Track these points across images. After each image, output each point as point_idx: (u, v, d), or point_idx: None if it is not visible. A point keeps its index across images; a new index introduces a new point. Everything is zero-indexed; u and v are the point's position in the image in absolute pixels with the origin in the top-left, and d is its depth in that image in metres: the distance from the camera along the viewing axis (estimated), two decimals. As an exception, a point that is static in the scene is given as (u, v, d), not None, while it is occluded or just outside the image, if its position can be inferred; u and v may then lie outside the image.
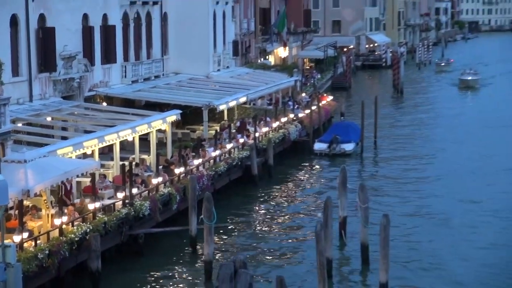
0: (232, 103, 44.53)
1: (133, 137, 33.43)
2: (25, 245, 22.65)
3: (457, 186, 39.32)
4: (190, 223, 28.49)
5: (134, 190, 28.63)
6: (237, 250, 28.67)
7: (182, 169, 32.82)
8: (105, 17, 41.36)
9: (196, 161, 34.67)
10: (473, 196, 36.95)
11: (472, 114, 65.64)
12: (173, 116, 36.74)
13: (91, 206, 26.24)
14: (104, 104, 40.16)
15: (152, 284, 25.70)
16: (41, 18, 35.59)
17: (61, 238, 23.86)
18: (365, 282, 25.96)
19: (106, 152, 33.89)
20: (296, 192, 38.74)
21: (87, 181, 29.02)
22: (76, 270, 24.98)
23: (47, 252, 22.90)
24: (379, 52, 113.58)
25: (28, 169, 23.41)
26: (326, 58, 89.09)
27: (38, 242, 23.18)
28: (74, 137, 30.44)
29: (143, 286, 25.49)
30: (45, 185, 23.86)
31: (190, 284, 25.96)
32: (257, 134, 41.70)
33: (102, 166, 31.13)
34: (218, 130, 41.34)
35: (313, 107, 51.49)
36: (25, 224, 23.57)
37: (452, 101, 75.10)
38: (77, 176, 26.70)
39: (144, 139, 35.35)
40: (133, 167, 30.23)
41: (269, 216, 34.17)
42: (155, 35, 47.28)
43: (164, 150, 36.76)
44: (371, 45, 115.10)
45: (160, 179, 31.07)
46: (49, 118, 33.87)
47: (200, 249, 27.83)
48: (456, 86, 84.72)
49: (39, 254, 22.58)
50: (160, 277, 26.32)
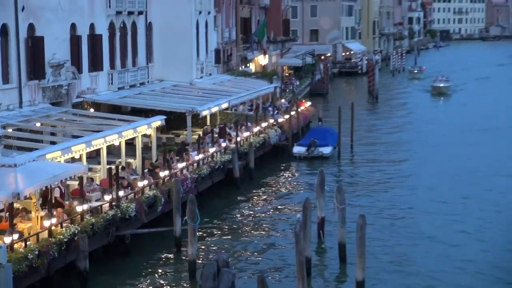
0: (215, 109, 44.51)
1: (120, 142, 33.36)
2: (16, 246, 22.52)
3: (430, 187, 39.46)
4: (174, 224, 28.45)
5: (121, 193, 28.54)
6: (220, 250, 28.60)
7: (166, 172, 32.78)
8: (92, 26, 41.25)
9: (180, 165, 34.62)
10: (445, 197, 37.13)
11: (444, 119, 65.93)
12: (158, 121, 36.68)
13: (79, 208, 26.16)
14: (92, 110, 40.05)
15: (138, 283, 25.64)
16: (31, 27, 35.46)
17: (50, 239, 23.77)
18: (342, 279, 26.01)
19: (94, 156, 33.80)
20: (276, 194, 38.76)
21: (75, 184, 28.93)
22: (65, 270, 24.89)
23: (36, 252, 22.81)
24: (355, 60, 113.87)
25: (18, 173, 23.31)
26: (304, 66, 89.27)
27: (28, 243, 23.07)
28: (62, 142, 30.33)
29: (130, 285, 25.44)
30: (35, 188, 23.79)
31: (174, 282, 25.90)
32: (238, 139, 41.68)
33: (90, 169, 31.04)
34: (201, 135, 41.31)
35: (292, 113, 51.56)
36: (15, 226, 23.47)
37: (425, 106, 75.34)
38: (66, 179, 26.61)
39: (130, 144, 35.28)
40: (120, 170, 30.15)
41: (251, 217, 34.17)
42: (140, 43, 47.19)
43: (149, 154, 36.70)
44: (348, 53, 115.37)
45: (145, 182, 31.05)
46: (38, 124, 33.75)
47: (184, 249, 27.74)
48: (429, 92, 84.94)
49: (29, 254, 22.48)
50: (146, 276, 26.28)
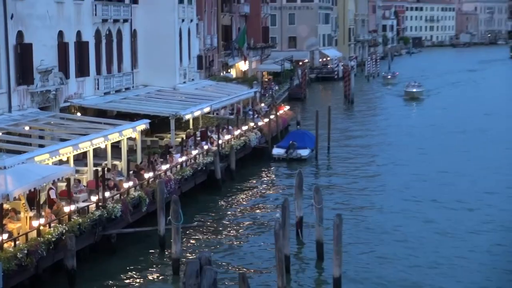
0: (197, 113, 44.44)
1: (106, 145, 33.27)
2: (5, 245, 22.45)
3: (403, 186, 39.61)
4: (158, 223, 28.41)
5: (107, 194, 28.49)
6: (203, 248, 28.63)
7: (151, 174, 32.74)
8: (79, 34, 41.09)
9: (164, 166, 34.58)
10: (418, 196, 37.29)
11: (417, 122, 66.23)
12: (142, 125, 36.63)
13: (66, 209, 26.08)
14: (79, 114, 39.90)
15: (124, 280, 25.59)
16: (19, 34, 35.27)
17: (38, 238, 23.69)
18: (320, 276, 26.05)
19: (81, 159, 33.64)
20: (257, 194, 38.77)
21: (63, 185, 28.80)
22: (53, 268, 24.80)
23: (25, 252, 22.75)
24: (331, 66, 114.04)
25: (8, 175, 23.20)
26: (283, 71, 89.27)
27: (17, 242, 22.99)
28: (50, 145, 30.14)
29: (116, 282, 25.38)
30: (24, 190, 23.68)
31: (159, 280, 25.88)
32: (220, 141, 41.70)
33: (77, 171, 30.89)
34: (184, 138, 41.31)
35: (272, 116, 51.61)
36: (5, 226, 23.35)
37: (398, 110, 75.58)
38: (53, 181, 26.51)
39: (116, 147, 35.17)
40: (106, 172, 30.07)
41: (232, 216, 34.18)
42: (125, 50, 47.07)
43: (134, 157, 36.62)
44: (324, 59, 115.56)
45: (130, 183, 30.98)
46: (27, 128, 33.57)
47: (168, 247, 27.69)
48: (402, 97, 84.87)
49: (18, 253, 22.42)
50: (132, 273, 26.23)
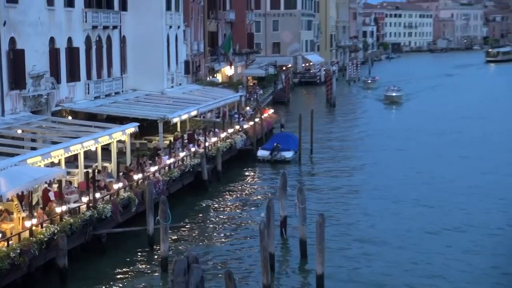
0: (185, 116, 44.40)
1: (96, 147, 33.19)
2: (-1, 245, 22.41)
3: (383, 186, 39.73)
4: (147, 223, 28.39)
5: (97, 195, 28.43)
6: (190, 247, 28.61)
7: (140, 175, 32.69)
8: (69, 40, 40.97)
9: (153, 168, 34.52)
10: (397, 196, 37.43)
11: (397, 125, 66.51)
12: (131, 128, 36.55)
13: (58, 210, 26.00)
14: (70, 118, 39.77)
15: (114, 279, 25.54)
16: (12, 41, 35.14)
17: (31, 238, 23.62)
18: (303, 273, 26.09)
19: (72, 161, 33.61)
20: (242, 194, 38.79)
21: (54, 187, 28.70)
22: (45, 267, 24.73)
23: (18, 251, 22.68)
24: (314, 70, 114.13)
25: (1, 177, 23.17)
26: (267, 76, 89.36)
27: (10, 242, 22.91)
28: (42, 148, 30.08)
29: (106, 280, 25.31)
30: (17, 191, 23.61)
31: (148, 278, 25.83)
32: (207, 144, 41.69)
33: (68, 173, 30.88)
34: (172, 141, 41.27)
35: (256, 119, 51.61)
36: (-2, 227, 23.32)
37: (378, 114, 75.73)
38: (46, 182, 26.45)
39: (106, 149, 35.09)
40: (96, 174, 29.99)
41: (219, 216, 34.17)
42: (115, 56, 46.96)
43: (124, 159, 36.55)
44: (307, 64, 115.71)
45: (120, 184, 30.92)
46: (19, 131, 33.44)
47: (157, 246, 27.67)
48: (382, 101, 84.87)
49: (11, 253, 22.35)
50: (121, 272, 26.18)
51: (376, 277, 25.50)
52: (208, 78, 67.43)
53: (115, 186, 30.50)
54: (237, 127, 49.01)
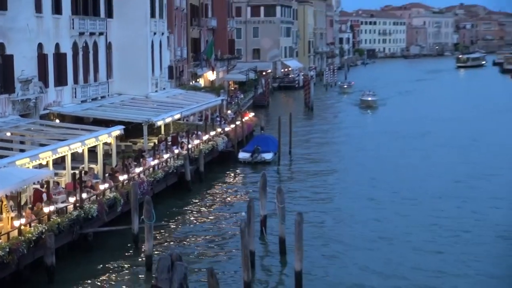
0: (168, 120, 44.35)
1: (83, 149, 33.07)
2: (-12, 244, 22.26)
3: (359, 185, 39.90)
4: (132, 222, 28.29)
5: (84, 195, 28.31)
6: (174, 245, 28.57)
7: (125, 176, 32.59)
8: (57, 46, 40.78)
9: (138, 169, 34.45)
10: (373, 194, 37.57)
11: (372, 128, 66.79)
12: (117, 131, 36.46)
13: (46, 209, 25.87)
14: (57, 121, 39.58)
15: (101, 276, 25.43)
16: (1, 46, 34.93)
17: (20, 237, 23.48)
18: (283, 270, 26.10)
19: (59, 162, 33.41)
20: (224, 194, 38.75)
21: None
22: (34, 265, 24.55)
23: (7, 250, 22.53)
24: (292, 75, 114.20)
25: (-10, 178, 23.01)
26: (248, 81, 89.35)
27: (-1, 241, 22.81)
28: (30, 150, 29.92)
29: (93, 278, 25.20)
30: (5, 192, 23.47)
31: (133, 275, 25.75)
32: (190, 146, 41.65)
33: (56, 174, 30.74)
34: (156, 143, 41.16)
35: (237, 122, 51.64)
36: (-12, 226, 23.16)
37: (355, 117, 75.78)
38: (34, 183, 26.32)
39: (92, 151, 34.96)
40: (83, 175, 29.86)
41: (201, 215, 34.12)
42: (101, 61, 46.78)
43: (110, 160, 36.43)
44: (286, 69, 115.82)
45: (106, 185, 30.81)
46: (8, 134, 33.24)
47: (142, 245, 27.59)
48: (358, 105, 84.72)
49: (0, 251, 22.21)
50: (107, 269, 26.07)
51: (352, 273, 25.57)
52: (191, 83, 67.35)
53: (101, 187, 30.38)
54: (219, 130, 48.97)
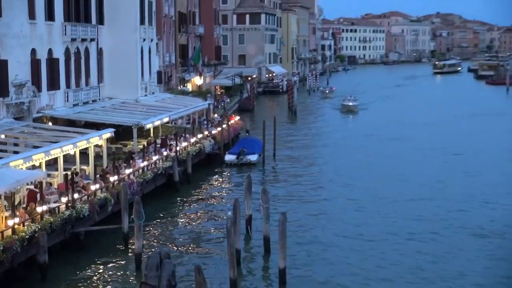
0: (157, 123, 44.27)
1: (74, 151, 32.93)
2: (-17, 242, 22.14)
3: (341, 185, 40.00)
4: (122, 222, 28.23)
5: (76, 195, 28.22)
6: (162, 243, 28.53)
7: (115, 177, 32.51)
8: (50, 51, 40.64)
9: (128, 171, 34.39)
10: (354, 194, 37.63)
11: (353, 131, 67.03)
12: (108, 133, 36.37)
13: (39, 209, 25.78)
14: (50, 124, 39.43)
15: (92, 273, 25.37)
16: (-4, 52, 34.89)
17: (13, 236, 23.39)
18: (267, 268, 26.11)
19: (52, 164, 33.25)
20: (210, 195, 38.73)
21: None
22: (27, 263, 24.47)
23: (1, 248, 22.45)
24: (276, 81, 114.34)
25: (-15, 179, 22.90)
26: (234, 86, 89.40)
27: (-6, 240, 22.70)
28: (24, 152, 29.80)
29: (84, 275, 25.15)
30: (0, 192, 23.35)
31: (123, 272, 25.69)
32: (178, 148, 41.61)
33: (48, 175, 30.60)
34: (146, 145, 41.11)
35: (224, 126, 51.64)
36: (-18, 225, 23.05)
37: (336, 121, 75.72)
38: (28, 184, 26.23)
39: (84, 153, 34.84)
40: (75, 176, 29.75)
41: (189, 215, 34.09)
42: (92, 66, 46.67)
43: (101, 162, 36.32)
44: (270, 75, 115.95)
45: (97, 185, 30.74)
46: (2, 136, 33.09)
47: (131, 243, 27.56)
48: (339, 110, 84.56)
49: (-5, 250, 22.14)
50: (98, 267, 26.01)
51: (334, 270, 25.63)
52: (179, 87, 67.31)
53: (92, 187, 30.31)
54: (206, 132, 48.95)
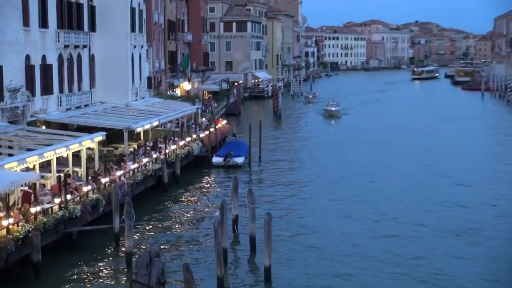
0: (147, 126, 44.19)
1: (67, 154, 32.81)
2: (-22, 242, 22.00)
3: (324, 187, 40.04)
4: (114, 222, 28.17)
5: (68, 196, 28.13)
6: (152, 243, 28.44)
7: (107, 179, 32.45)
8: (44, 57, 40.50)
9: (119, 172, 34.32)
10: (338, 195, 37.70)
11: (336, 136, 67.17)
12: (99, 136, 36.24)
13: (33, 210, 25.67)
14: (43, 127, 39.27)
15: (84, 272, 25.26)
16: (-9, 58, 34.72)
17: (8, 236, 23.27)
18: (253, 266, 26.12)
19: (45, 166, 33.12)
20: (199, 196, 38.70)
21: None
22: (21, 262, 24.35)
23: (-4, 247, 22.35)
24: (262, 86, 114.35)
25: (-20, 180, 22.77)
26: (221, 91, 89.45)
27: (-11, 239, 22.57)
28: (18, 154, 29.64)
29: (77, 273, 25.05)
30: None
31: (114, 271, 25.62)
32: (167, 151, 41.56)
33: (42, 177, 30.44)
34: (136, 148, 41.04)
35: (211, 129, 51.64)
36: (-22, 225, 22.91)
37: (320, 126, 75.69)
38: (22, 185, 26.11)
39: (76, 155, 34.68)
40: (67, 177, 29.68)
41: (178, 215, 34.05)
42: (84, 72, 46.55)
43: (93, 164, 36.19)
44: (256, 80, 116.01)
45: (89, 187, 30.63)
46: (-3, 139, 32.96)
47: (122, 243, 27.49)
48: (322, 114, 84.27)
49: (-10, 249, 22.01)
50: (90, 266, 25.90)
51: (317, 267, 25.66)
52: (168, 92, 67.24)
53: (85, 189, 30.21)
54: (194, 136, 48.92)
